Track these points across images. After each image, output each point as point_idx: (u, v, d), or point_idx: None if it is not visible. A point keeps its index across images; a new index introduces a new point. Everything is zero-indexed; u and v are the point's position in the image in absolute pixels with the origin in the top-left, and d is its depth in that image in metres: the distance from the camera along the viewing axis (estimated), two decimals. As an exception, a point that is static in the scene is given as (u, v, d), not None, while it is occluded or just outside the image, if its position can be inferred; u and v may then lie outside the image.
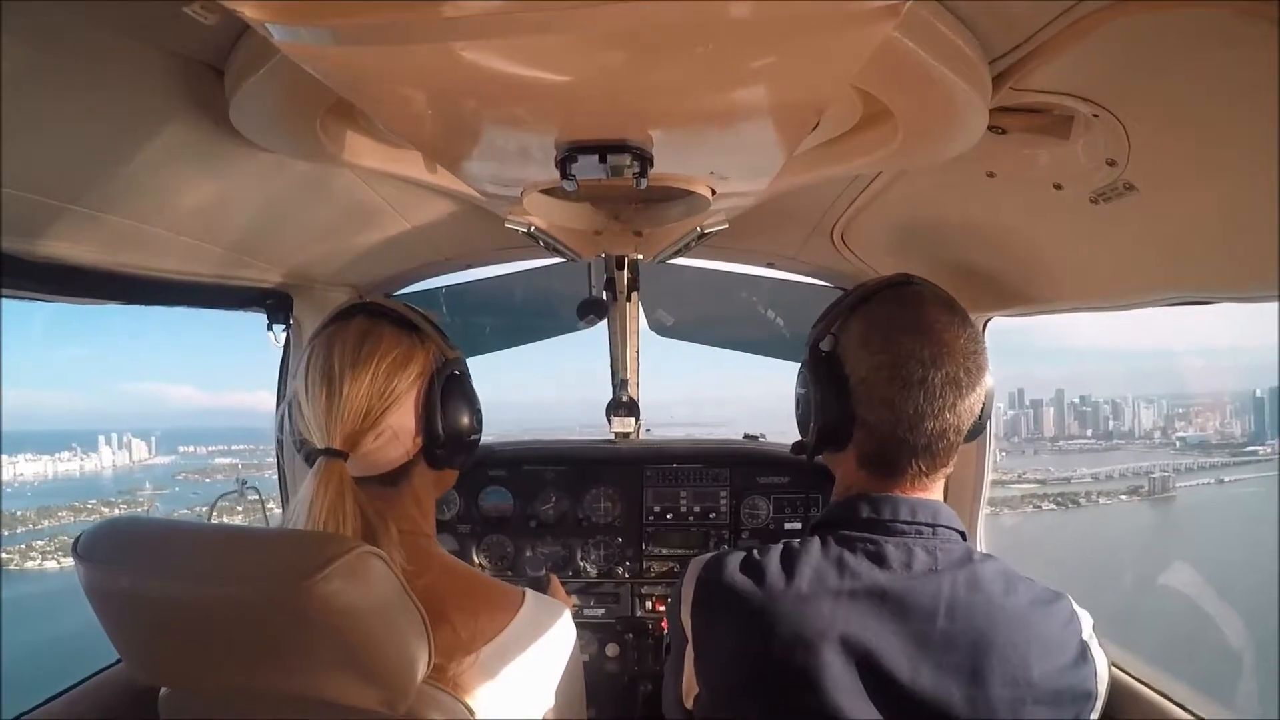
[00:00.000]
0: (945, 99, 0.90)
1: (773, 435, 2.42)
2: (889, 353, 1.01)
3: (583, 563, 2.26)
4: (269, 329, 1.97)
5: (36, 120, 0.91)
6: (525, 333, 2.86)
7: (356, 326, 1.07)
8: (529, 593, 1.10)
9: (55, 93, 0.89)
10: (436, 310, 2.49)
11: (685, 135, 0.96)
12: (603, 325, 2.38)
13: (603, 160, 0.90)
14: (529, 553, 2.26)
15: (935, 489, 1.07)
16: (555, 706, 1.07)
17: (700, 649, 1.03)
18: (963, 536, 1.04)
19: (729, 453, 2.33)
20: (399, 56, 0.68)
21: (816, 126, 1.08)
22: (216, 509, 2.20)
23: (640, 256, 1.94)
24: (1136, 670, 1.42)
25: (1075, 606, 1.03)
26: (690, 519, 2.28)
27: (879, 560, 0.98)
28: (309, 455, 1.04)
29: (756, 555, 1.01)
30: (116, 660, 1.45)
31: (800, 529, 2.21)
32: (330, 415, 1.01)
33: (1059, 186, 1.15)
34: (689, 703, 1.07)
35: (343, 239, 1.78)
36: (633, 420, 2.45)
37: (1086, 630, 1.01)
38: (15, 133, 0.88)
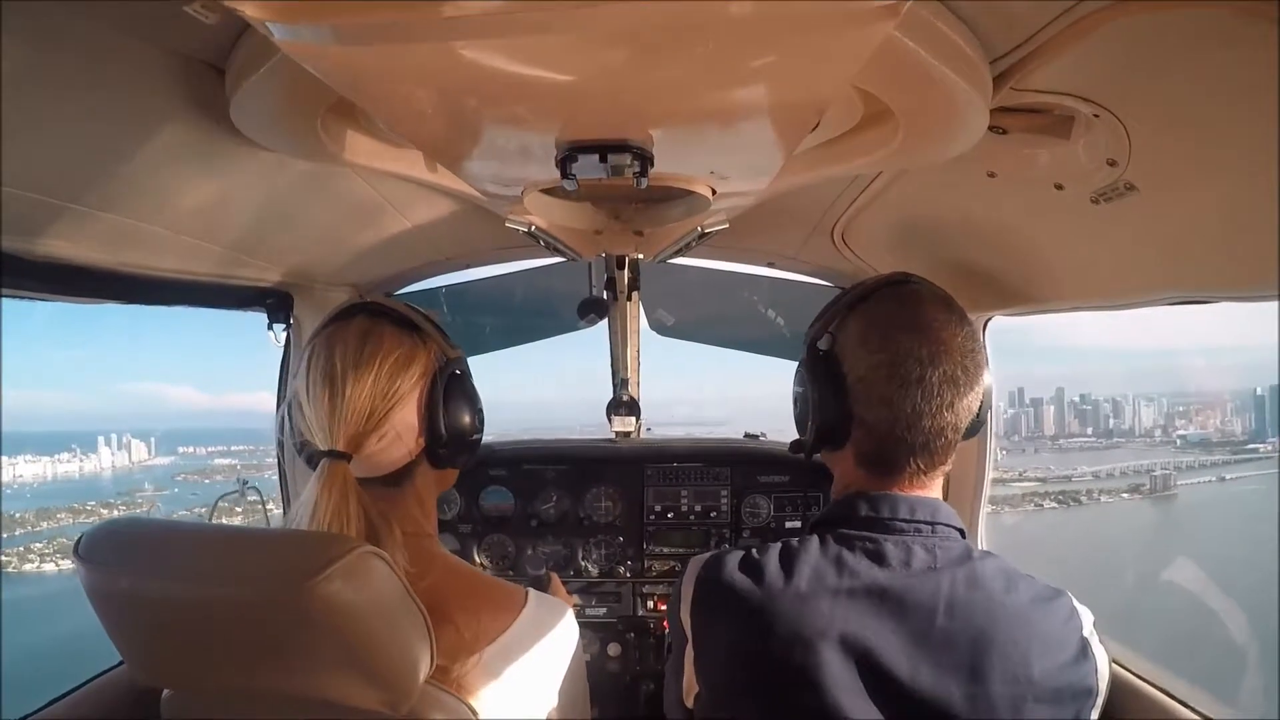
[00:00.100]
0: (946, 99, 0.90)
1: (773, 434, 2.42)
2: (887, 351, 1.01)
3: (584, 562, 2.26)
4: (269, 328, 1.97)
5: (37, 119, 0.91)
6: (526, 332, 2.86)
7: (357, 327, 1.06)
8: (531, 592, 1.10)
9: (55, 92, 0.89)
10: (437, 310, 2.49)
11: (686, 135, 0.96)
12: (603, 325, 2.38)
13: (603, 160, 0.90)
14: (530, 552, 2.26)
15: (934, 487, 1.06)
16: (559, 706, 1.07)
17: (700, 648, 1.03)
18: (962, 534, 1.04)
19: (730, 452, 2.33)
20: (400, 56, 0.68)
21: (817, 126, 1.08)
22: (217, 510, 2.20)
23: (641, 256, 1.94)
24: (1139, 667, 1.42)
25: (1075, 603, 1.03)
26: (691, 518, 2.28)
27: (878, 559, 0.98)
28: (311, 457, 1.04)
29: (755, 554, 1.01)
30: (118, 662, 1.45)
31: (801, 528, 2.21)
32: (333, 416, 1.01)
33: (1060, 186, 1.15)
34: (689, 702, 1.07)
35: (343, 238, 1.78)
36: (633, 419, 2.45)
37: (1087, 627, 1.01)
38: (15, 132, 0.88)
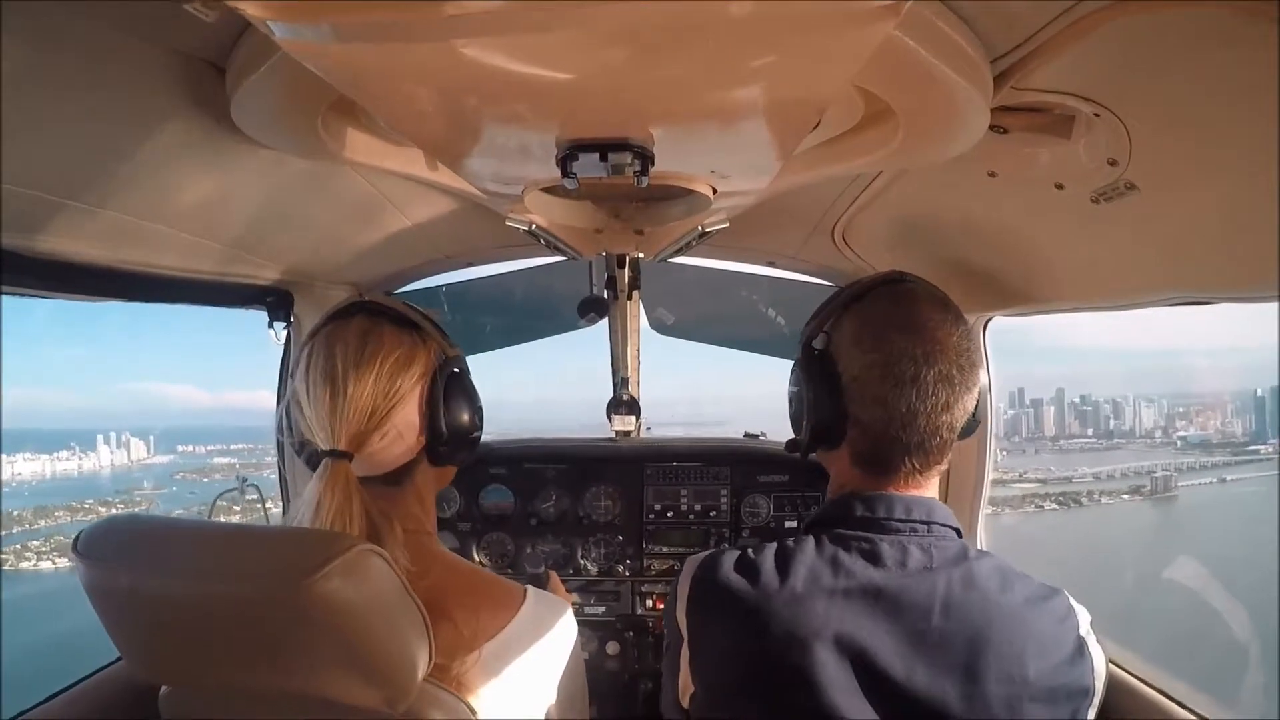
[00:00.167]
0: (946, 98, 0.90)
1: (773, 434, 2.42)
2: (881, 351, 1.01)
3: (583, 561, 2.26)
4: (269, 326, 1.97)
5: (37, 118, 0.91)
6: (526, 331, 2.85)
7: (357, 326, 1.06)
8: (530, 589, 1.10)
9: (56, 91, 0.89)
10: (438, 308, 2.50)
11: (686, 134, 0.96)
12: (603, 324, 2.38)
13: (604, 159, 0.89)
14: (530, 551, 2.27)
15: (930, 486, 1.06)
16: (558, 703, 1.08)
17: (695, 648, 1.03)
18: (958, 533, 1.03)
19: (729, 451, 2.33)
20: (400, 54, 0.68)
21: (817, 125, 1.08)
22: (215, 508, 2.20)
23: (641, 255, 1.93)
24: (1139, 668, 1.41)
25: (1072, 602, 1.02)
26: (691, 517, 2.28)
27: (874, 559, 0.98)
28: (311, 456, 1.04)
29: (751, 554, 1.01)
30: (117, 658, 1.45)
31: (797, 528, 2.21)
32: (334, 416, 1.01)
33: (1060, 186, 1.15)
34: (685, 702, 1.07)
35: (344, 236, 1.78)
36: (633, 418, 2.45)
37: (1084, 626, 1.01)
38: (16, 131, 0.88)
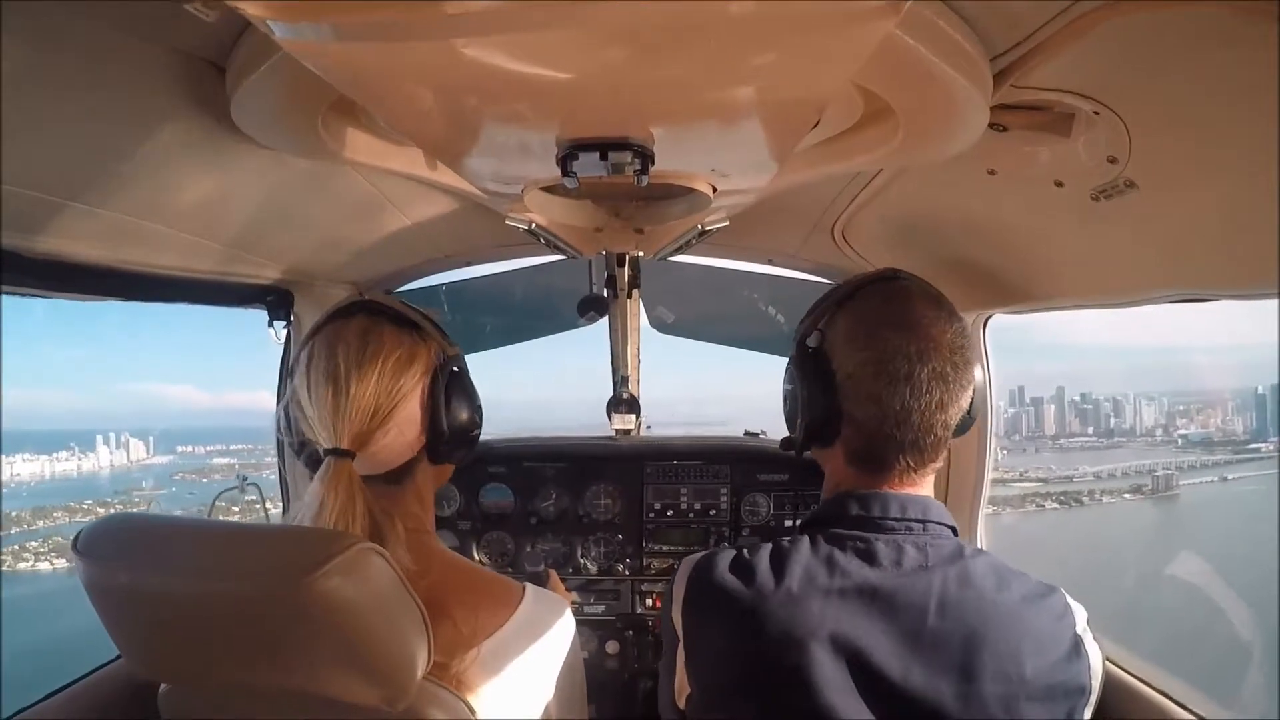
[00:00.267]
0: (946, 96, 0.89)
1: (774, 433, 2.42)
2: (875, 348, 1.01)
3: (583, 559, 2.26)
4: (269, 325, 1.97)
5: (37, 118, 0.91)
6: (526, 330, 2.85)
7: (358, 325, 1.07)
8: (529, 587, 1.11)
9: (56, 91, 0.89)
10: (437, 307, 2.50)
11: (686, 132, 0.96)
12: (603, 323, 2.38)
13: (604, 158, 0.89)
14: (529, 549, 2.27)
15: (925, 484, 1.06)
16: (557, 701, 1.08)
17: (691, 649, 1.03)
18: (954, 531, 1.03)
19: (729, 450, 2.33)
20: (401, 53, 0.68)
21: (817, 124, 1.08)
22: (215, 507, 2.20)
23: (641, 254, 1.93)
24: (1140, 666, 1.41)
25: (1069, 600, 1.02)
26: (691, 516, 2.28)
27: (869, 558, 0.98)
28: (311, 455, 1.05)
29: (746, 555, 1.01)
30: (116, 656, 1.45)
31: (793, 527, 2.21)
32: (337, 415, 1.02)
33: (1060, 184, 1.15)
34: (681, 703, 1.07)
35: (343, 236, 1.78)
36: (633, 417, 2.45)
37: (1080, 624, 1.01)
38: (16, 131, 0.88)
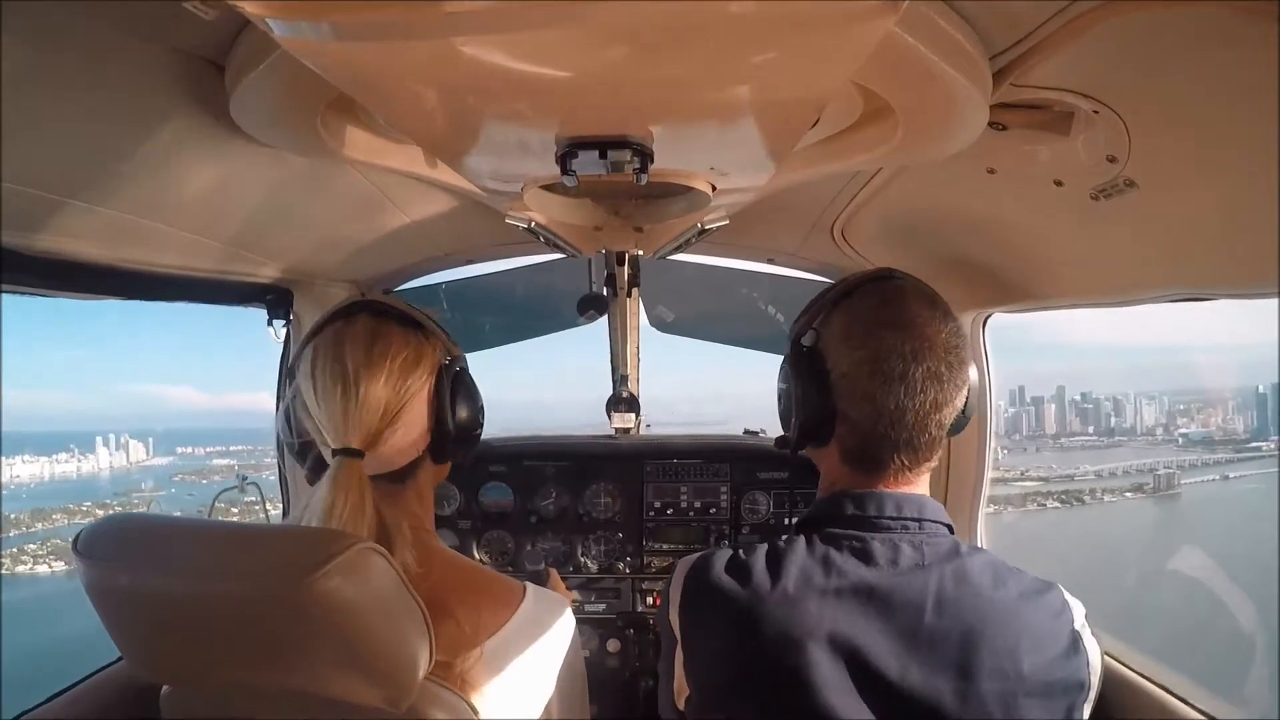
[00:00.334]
0: (946, 95, 0.89)
1: (773, 431, 2.41)
2: (869, 348, 1.01)
3: (583, 558, 2.27)
4: (269, 324, 1.97)
5: (37, 117, 0.91)
6: (525, 329, 2.86)
7: (364, 325, 1.07)
8: (530, 586, 1.11)
9: (56, 90, 0.89)
10: (437, 306, 2.50)
11: (686, 131, 0.96)
12: (603, 321, 2.38)
13: (603, 156, 0.90)
14: (530, 548, 2.27)
15: (920, 483, 1.06)
16: (558, 700, 1.08)
17: (689, 650, 1.03)
18: (950, 530, 1.03)
19: (729, 448, 2.33)
20: (400, 52, 0.68)
21: (817, 123, 1.08)
22: (214, 508, 2.20)
23: (640, 252, 1.93)
24: (1142, 664, 1.41)
25: (1067, 596, 1.02)
26: (691, 514, 2.28)
27: (865, 557, 0.98)
28: (315, 456, 1.05)
29: (743, 555, 1.01)
30: (117, 658, 1.45)
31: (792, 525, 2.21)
32: (347, 415, 1.02)
33: (1059, 183, 1.15)
34: (680, 704, 1.07)
35: (343, 234, 1.78)
36: (633, 416, 2.46)
37: (1079, 620, 1.01)
38: (16, 130, 0.88)
